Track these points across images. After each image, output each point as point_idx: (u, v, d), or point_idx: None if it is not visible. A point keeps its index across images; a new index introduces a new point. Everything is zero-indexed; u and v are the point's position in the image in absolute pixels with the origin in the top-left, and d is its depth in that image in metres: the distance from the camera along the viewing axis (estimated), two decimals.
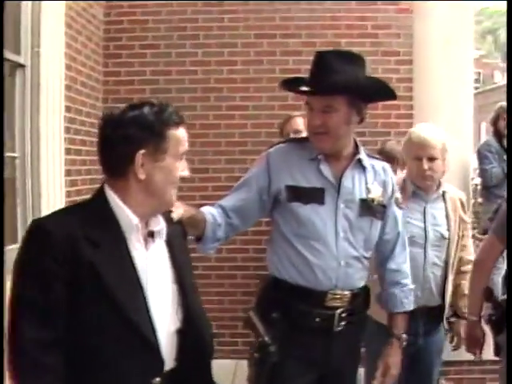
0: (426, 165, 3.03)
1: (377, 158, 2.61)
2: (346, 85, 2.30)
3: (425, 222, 3.08)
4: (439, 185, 3.15)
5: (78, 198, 4.20)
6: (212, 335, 1.89)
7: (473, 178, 6.02)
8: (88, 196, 1.84)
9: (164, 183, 1.71)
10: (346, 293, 2.40)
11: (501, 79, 44.77)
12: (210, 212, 2.34)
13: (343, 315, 2.39)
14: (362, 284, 2.48)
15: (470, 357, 3.17)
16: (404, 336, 2.57)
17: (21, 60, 3.66)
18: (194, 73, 4.93)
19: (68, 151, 4.15)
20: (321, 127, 2.35)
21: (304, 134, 4.02)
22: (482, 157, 5.66)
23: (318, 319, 2.37)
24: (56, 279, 1.55)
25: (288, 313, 2.34)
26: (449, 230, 3.10)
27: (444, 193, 3.16)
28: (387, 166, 2.57)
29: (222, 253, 4.53)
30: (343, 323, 2.39)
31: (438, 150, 3.05)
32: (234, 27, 4.89)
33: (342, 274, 2.38)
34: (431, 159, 3.04)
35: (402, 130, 4.79)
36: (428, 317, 3.08)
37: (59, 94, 3.94)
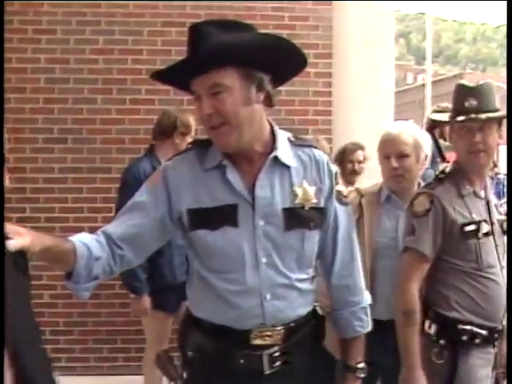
0: (394, 162, 2.73)
1: (307, 145, 2.00)
2: (227, 47, 1.77)
3: (397, 231, 2.75)
4: (418, 188, 2.81)
5: None
6: None
7: None
8: None
9: None
10: (279, 328, 1.91)
11: (412, 81, 46.31)
12: (83, 242, 1.80)
13: (276, 355, 1.91)
14: (303, 312, 1.97)
15: None
16: (361, 365, 2.07)
17: None
18: (94, 62, 4.51)
19: None
20: (214, 116, 1.79)
21: None
22: None
23: (242, 360, 1.90)
24: None
25: (207, 352, 1.92)
26: None
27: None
28: (320, 153, 1.99)
29: None
30: (278, 364, 1.92)
31: (409, 147, 2.74)
32: (140, 14, 4.48)
33: (270, 308, 1.88)
34: (401, 157, 2.74)
35: (320, 128, 4.58)
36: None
37: None
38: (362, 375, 2.05)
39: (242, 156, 1.87)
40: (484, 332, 2.43)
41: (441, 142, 4.87)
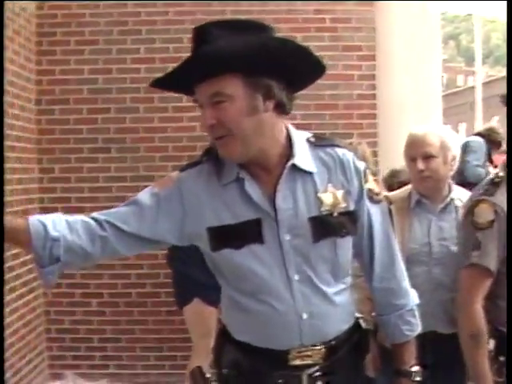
0: (420, 164, 2.64)
1: (329, 144, 1.84)
2: (225, 54, 1.62)
3: (429, 236, 2.66)
4: (449, 191, 2.73)
5: (7, 210, 3.79)
6: None
7: None
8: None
9: None
10: (319, 347, 1.78)
11: (463, 83, 45.44)
12: (41, 221, 1.69)
13: (316, 375, 1.78)
14: (344, 327, 1.84)
15: None
16: (415, 369, 1.93)
17: None
18: (136, 71, 4.51)
19: None
20: (217, 127, 1.67)
21: None
22: (470, 150, 5.56)
23: (280, 381, 1.78)
24: None
25: (243, 370, 1.81)
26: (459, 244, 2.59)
27: (452, 200, 2.72)
28: (344, 151, 1.83)
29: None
30: None
31: (435, 148, 2.65)
32: (180, 21, 4.47)
33: (307, 328, 1.75)
34: (427, 158, 2.64)
35: (365, 132, 4.48)
36: (436, 345, 2.57)
37: None
38: (418, 379, 1.92)
39: (258, 166, 1.74)
40: None
41: None
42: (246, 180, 1.72)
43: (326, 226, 1.74)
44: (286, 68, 1.69)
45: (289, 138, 1.77)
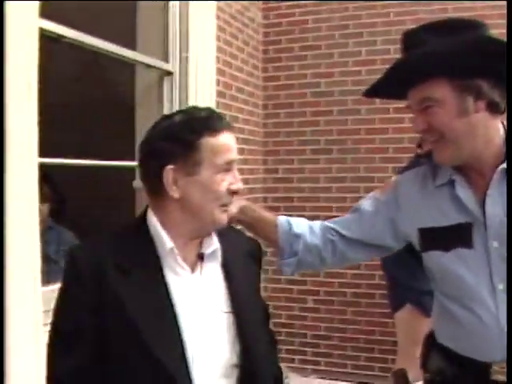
0: None
1: None
2: (429, 59, 1.61)
3: None
4: None
5: None
6: (274, 374, 1.62)
7: None
8: None
9: (202, 200, 1.47)
10: None
11: None
12: (288, 220, 1.91)
13: None
14: None
15: None
16: None
17: (169, 67, 3.58)
18: (357, 73, 4.56)
19: None
20: (429, 131, 1.68)
21: None
22: None
23: None
24: (82, 307, 1.41)
25: (446, 377, 1.80)
26: None
27: None
28: None
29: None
30: None
31: None
32: (401, 21, 4.41)
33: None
34: None
35: None
36: None
37: (209, 101, 3.79)
38: None
39: (472, 169, 1.71)
40: None
41: None
42: (458, 182, 1.72)
43: None
44: (498, 66, 1.63)
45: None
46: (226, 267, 1.54)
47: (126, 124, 3.55)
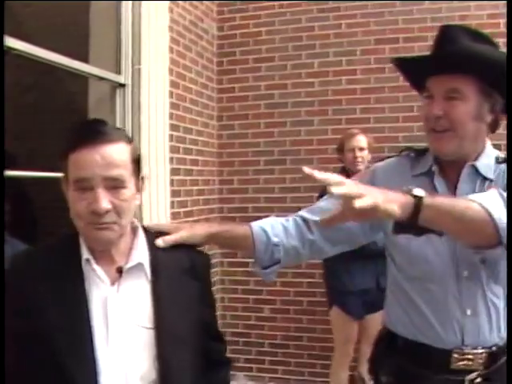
0: None
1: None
2: (476, 56, 1.70)
3: None
4: None
5: (189, 219, 4.09)
6: None
7: None
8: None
9: (72, 217, 1.44)
10: (480, 351, 1.77)
11: None
12: (263, 228, 1.86)
13: (478, 381, 1.76)
14: (504, 334, 1.80)
15: None
16: None
17: (121, 79, 3.57)
18: (310, 85, 4.62)
19: (176, 171, 4.02)
20: (441, 120, 1.75)
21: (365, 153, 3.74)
22: None
23: None
24: (7, 311, 1.42)
25: (403, 377, 1.83)
26: None
27: None
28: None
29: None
30: None
31: None
32: (353, 33, 4.50)
33: (469, 326, 1.76)
34: None
35: None
36: None
37: (162, 113, 3.80)
38: None
39: (450, 164, 1.82)
40: None
41: None
42: (436, 174, 1.82)
43: None
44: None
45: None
46: (155, 283, 1.50)
47: None
